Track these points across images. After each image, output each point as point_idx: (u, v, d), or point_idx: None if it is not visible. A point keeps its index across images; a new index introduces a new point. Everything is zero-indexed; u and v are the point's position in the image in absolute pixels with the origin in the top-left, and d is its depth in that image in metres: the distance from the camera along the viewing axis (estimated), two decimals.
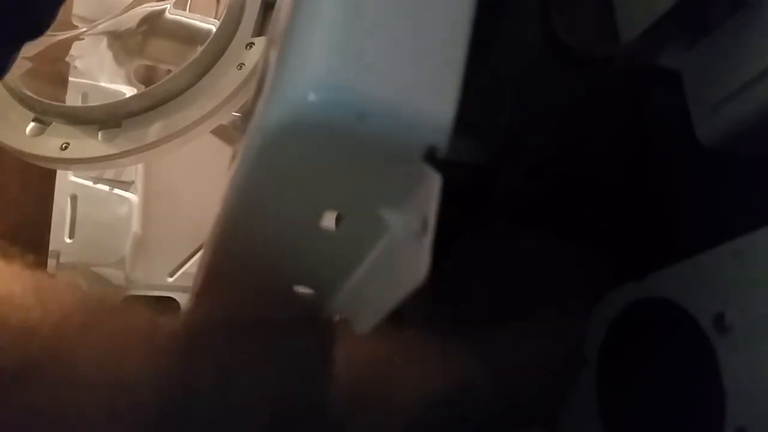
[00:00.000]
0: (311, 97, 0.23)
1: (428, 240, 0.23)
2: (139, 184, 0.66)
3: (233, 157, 0.41)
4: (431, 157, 0.24)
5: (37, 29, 0.37)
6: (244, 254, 0.32)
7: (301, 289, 0.33)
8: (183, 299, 0.68)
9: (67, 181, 0.63)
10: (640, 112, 0.40)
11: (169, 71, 0.65)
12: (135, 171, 0.67)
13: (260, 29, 0.53)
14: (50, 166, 0.56)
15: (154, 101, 0.51)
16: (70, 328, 0.29)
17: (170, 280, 0.68)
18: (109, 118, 0.52)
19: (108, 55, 0.62)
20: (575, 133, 0.43)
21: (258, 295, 0.35)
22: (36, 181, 0.64)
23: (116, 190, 0.65)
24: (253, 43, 0.52)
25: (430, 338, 0.37)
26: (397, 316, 0.29)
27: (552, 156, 0.44)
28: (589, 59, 0.37)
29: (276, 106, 0.25)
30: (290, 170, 0.26)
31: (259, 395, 0.31)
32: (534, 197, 0.46)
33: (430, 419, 0.35)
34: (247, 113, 0.42)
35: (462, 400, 0.36)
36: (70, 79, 0.60)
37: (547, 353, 0.39)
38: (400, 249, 0.27)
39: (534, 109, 0.42)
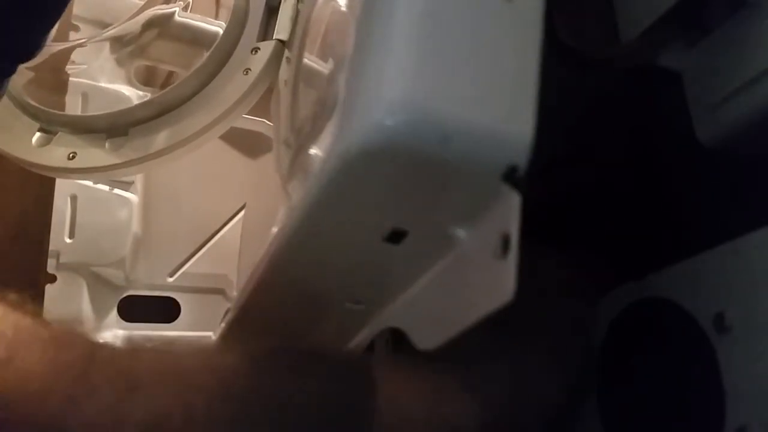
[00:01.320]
0: (392, 121, 0.23)
1: (513, 258, 0.22)
2: (139, 184, 0.66)
3: (288, 177, 0.40)
4: (510, 176, 0.24)
5: (24, 56, 0.37)
6: (299, 273, 0.32)
7: (350, 305, 0.33)
8: (182, 299, 0.68)
9: (68, 181, 0.63)
10: (640, 112, 0.40)
11: (171, 72, 0.65)
12: None
13: (264, 34, 0.53)
14: (57, 176, 0.56)
15: (161, 109, 0.51)
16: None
17: (170, 280, 0.68)
18: (115, 127, 0.51)
19: (110, 58, 0.62)
20: (576, 134, 0.42)
21: (291, 325, 0.35)
22: (36, 181, 0.64)
23: (116, 190, 0.65)
24: (259, 48, 0.52)
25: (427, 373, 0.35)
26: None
27: (553, 157, 0.43)
28: (589, 60, 0.37)
29: (354, 130, 0.24)
30: (362, 191, 0.26)
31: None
32: (536, 199, 0.46)
33: None
34: (302, 131, 0.41)
35: None
36: (70, 79, 0.60)
37: (546, 386, 0.37)
38: (473, 266, 0.26)
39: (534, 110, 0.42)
